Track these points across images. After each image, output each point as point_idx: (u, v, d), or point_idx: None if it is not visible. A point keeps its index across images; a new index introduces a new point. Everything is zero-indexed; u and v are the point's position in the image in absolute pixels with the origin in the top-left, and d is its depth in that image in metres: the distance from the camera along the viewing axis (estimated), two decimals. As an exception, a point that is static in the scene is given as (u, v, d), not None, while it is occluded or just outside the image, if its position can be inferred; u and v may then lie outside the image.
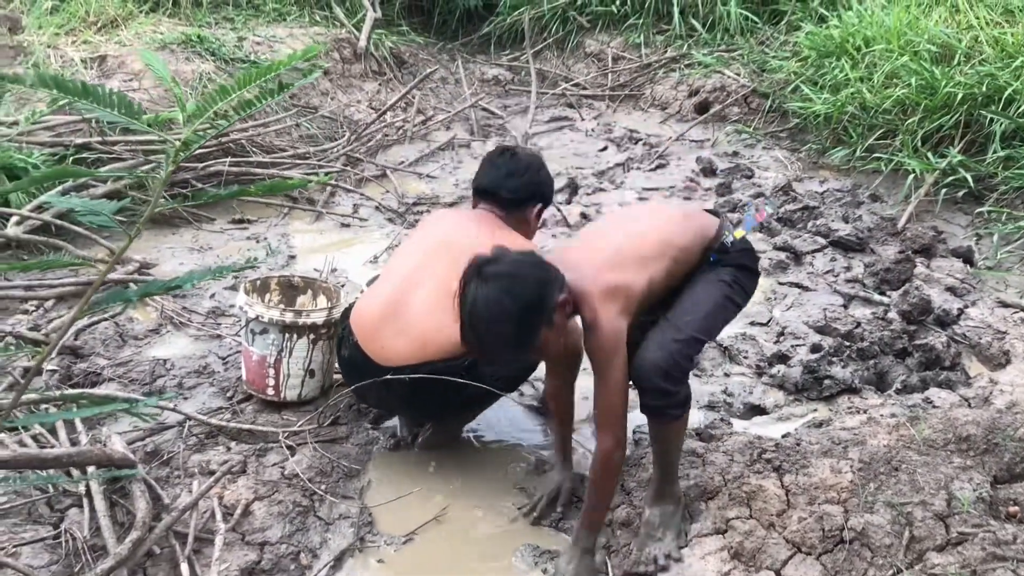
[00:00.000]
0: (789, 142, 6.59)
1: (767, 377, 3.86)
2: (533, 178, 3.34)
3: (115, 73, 5.99)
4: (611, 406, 2.69)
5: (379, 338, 3.10)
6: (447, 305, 3.03)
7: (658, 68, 7.77)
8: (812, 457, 3.00)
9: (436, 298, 3.03)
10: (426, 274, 3.13)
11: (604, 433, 2.72)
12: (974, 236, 5.06)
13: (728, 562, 2.70)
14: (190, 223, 5.16)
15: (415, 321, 3.07)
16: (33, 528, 2.77)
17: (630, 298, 2.69)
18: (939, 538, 2.63)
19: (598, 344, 2.65)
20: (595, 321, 2.63)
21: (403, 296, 3.12)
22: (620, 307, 2.66)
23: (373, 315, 3.15)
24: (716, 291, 2.84)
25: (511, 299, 2.51)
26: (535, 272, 2.59)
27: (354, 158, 6.18)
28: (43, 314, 4.05)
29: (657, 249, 2.79)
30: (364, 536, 2.96)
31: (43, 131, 5.21)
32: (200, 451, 3.21)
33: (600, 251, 2.78)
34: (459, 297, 2.59)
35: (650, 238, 2.83)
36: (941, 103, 5.50)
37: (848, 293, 4.55)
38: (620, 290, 2.67)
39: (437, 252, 3.19)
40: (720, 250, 2.88)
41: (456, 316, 2.73)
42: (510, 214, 3.30)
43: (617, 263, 2.72)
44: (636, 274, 2.72)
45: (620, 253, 2.75)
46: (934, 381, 3.73)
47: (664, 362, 2.69)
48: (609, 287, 2.66)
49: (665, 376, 2.69)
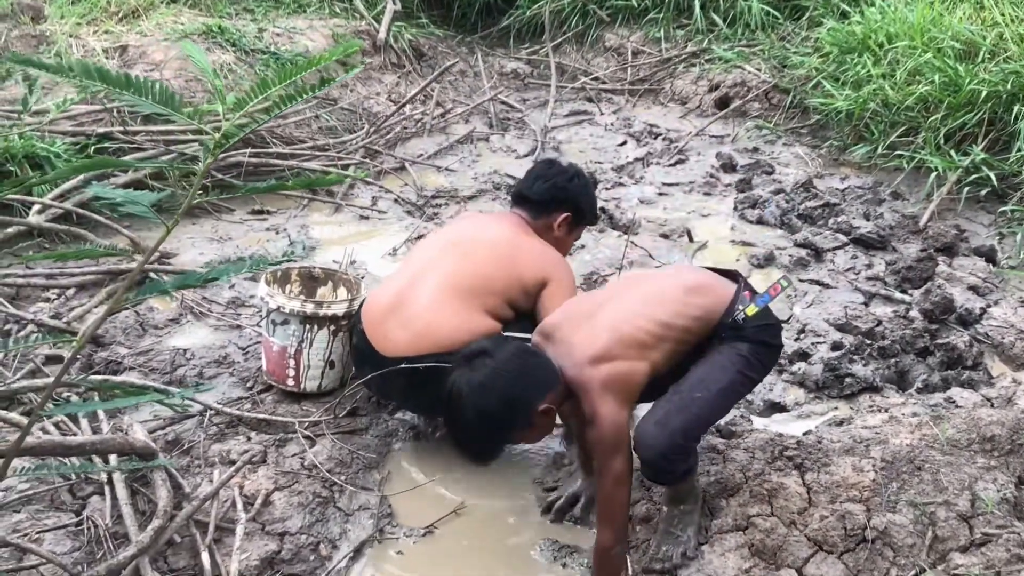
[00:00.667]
0: (810, 139, 6.55)
1: (788, 375, 3.84)
2: (560, 183, 3.34)
3: (136, 63, 6.01)
4: (613, 501, 2.60)
5: (383, 329, 3.14)
6: (448, 301, 3.05)
7: (678, 63, 7.73)
8: (834, 455, 2.99)
9: (438, 293, 3.09)
10: (434, 269, 3.18)
11: (604, 528, 2.63)
12: (997, 235, 5.02)
13: (749, 559, 2.69)
14: (210, 213, 5.17)
15: (417, 314, 3.10)
16: (56, 515, 2.78)
17: (631, 386, 2.59)
18: (963, 539, 2.61)
19: (599, 438, 2.53)
20: (595, 415, 2.51)
21: (410, 289, 3.16)
22: (621, 398, 2.55)
23: (381, 306, 3.19)
24: (731, 368, 2.69)
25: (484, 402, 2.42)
26: (520, 379, 2.47)
27: (373, 150, 6.18)
28: (64, 302, 4.07)
29: (658, 334, 2.65)
30: (384, 527, 2.97)
31: (65, 120, 5.23)
32: (220, 441, 3.22)
33: (597, 335, 2.62)
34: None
35: (649, 322, 2.66)
36: (964, 100, 5.45)
37: (869, 291, 4.52)
38: (618, 379, 2.55)
39: (448, 248, 3.24)
40: (732, 326, 2.72)
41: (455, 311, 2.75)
42: (536, 219, 3.34)
43: (616, 352, 2.59)
44: (636, 361, 2.60)
45: (618, 338, 2.61)
46: (956, 380, 3.70)
47: (665, 445, 2.59)
48: (607, 379, 2.54)
49: (664, 458, 2.62)
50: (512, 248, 3.21)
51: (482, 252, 3.20)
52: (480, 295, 3.12)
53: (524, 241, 3.25)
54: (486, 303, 3.12)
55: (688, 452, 2.69)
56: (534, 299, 3.19)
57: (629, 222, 5.25)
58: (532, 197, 3.34)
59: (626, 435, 2.56)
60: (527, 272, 3.17)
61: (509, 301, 3.17)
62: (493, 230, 3.28)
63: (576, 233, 3.48)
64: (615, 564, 2.65)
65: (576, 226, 3.43)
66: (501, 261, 3.17)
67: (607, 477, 2.56)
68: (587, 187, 3.43)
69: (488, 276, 3.14)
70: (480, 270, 3.15)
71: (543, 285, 3.18)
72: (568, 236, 3.42)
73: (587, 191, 3.43)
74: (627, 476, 2.59)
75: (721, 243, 5.13)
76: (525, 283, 3.17)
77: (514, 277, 3.16)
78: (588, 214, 3.45)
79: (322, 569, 2.77)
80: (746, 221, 5.38)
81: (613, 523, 2.61)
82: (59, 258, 1.85)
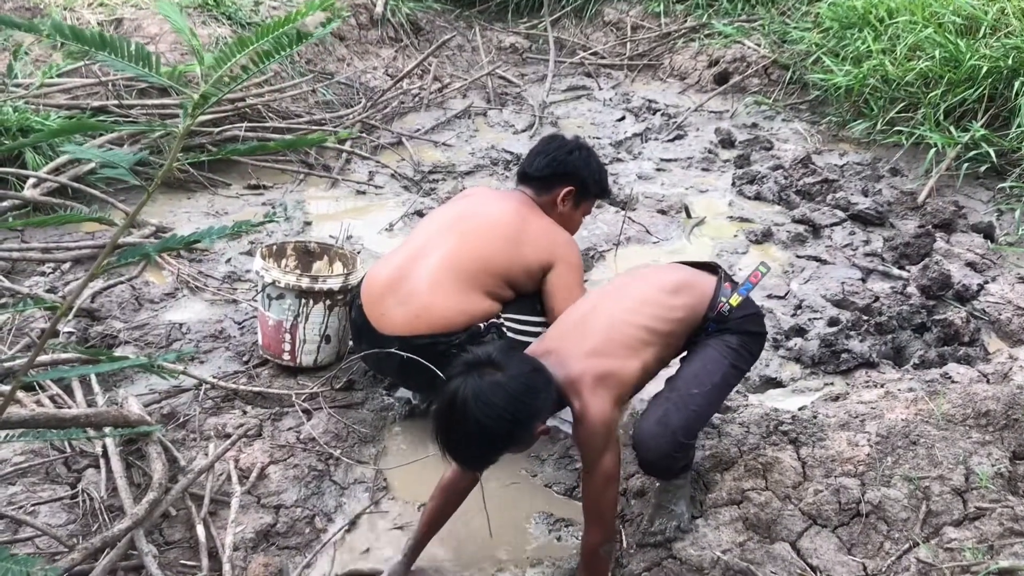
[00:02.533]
0: (809, 114, 6.52)
1: (784, 350, 3.84)
2: (559, 156, 3.29)
3: (132, 36, 5.95)
4: (601, 499, 2.54)
5: (381, 306, 3.13)
6: (447, 282, 3.03)
7: (677, 38, 7.69)
8: (829, 430, 2.99)
9: (438, 274, 3.07)
10: (435, 248, 3.15)
11: (591, 525, 2.58)
12: (995, 211, 5.00)
13: (743, 532, 2.70)
14: (206, 188, 5.15)
15: (415, 293, 3.08)
16: (51, 488, 2.79)
17: (622, 386, 2.55)
18: (956, 513, 2.61)
19: (587, 437, 2.48)
20: (584, 413, 2.46)
21: (410, 267, 3.14)
22: (612, 396, 2.50)
23: (380, 282, 3.17)
24: (722, 361, 2.69)
25: (488, 418, 2.30)
26: (527, 400, 2.35)
27: (370, 125, 6.15)
28: (60, 276, 4.06)
29: (645, 338, 2.62)
30: (379, 500, 2.98)
31: (59, 93, 5.20)
32: (216, 414, 3.22)
33: (587, 338, 2.60)
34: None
35: (635, 328, 2.63)
36: (965, 76, 5.42)
37: (867, 267, 4.51)
38: (611, 377, 2.52)
39: (451, 226, 3.21)
40: (718, 319, 2.72)
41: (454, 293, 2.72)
42: (541, 196, 3.29)
43: (607, 350, 2.57)
44: (627, 360, 2.57)
45: (608, 339, 2.59)
46: (953, 356, 3.69)
47: (668, 446, 2.58)
48: (599, 375, 2.50)
49: (664, 456, 2.62)
50: (516, 229, 3.16)
51: (484, 232, 3.16)
52: (479, 276, 3.09)
53: (530, 221, 3.21)
54: (485, 284, 3.10)
55: (689, 448, 2.69)
56: (537, 280, 3.16)
57: (627, 198, 5.23)
58: (533, 174, 3.30)
59: (615, 433, 2.53)
60: (531, 254, 3.14)
61: (509, 282, 3.14)
62: (497, 208, 3.25)
63: (584, 208, 3.39)
64: (602, 562, 2.62)
65: (582, 200, 3.35)
66: (504, 242, 3.13)
67: (596, 475, 2.50)
68: (589, 159, 3.34)
69: (489, 257, 3.11)
70: (481, 251, 3.12)
71: (548, 268, 3.15)
72: (575, 211, 3.35)
73: (589, 163, 3.34)
74: (616, 474, 2.54)
75: (719, 219, 5.12)
76: (529, 265, 3.14)
77: (517, 258, 3.12)
78: (593, 186, 3.35)
79: (317, 542, 2.78)
80: (744, 197, 5.37)
81: (602, 521, 2.56)
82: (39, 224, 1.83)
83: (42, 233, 4.41)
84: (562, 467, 3.16)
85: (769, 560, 2.54)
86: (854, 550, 2.58)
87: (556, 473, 3.13)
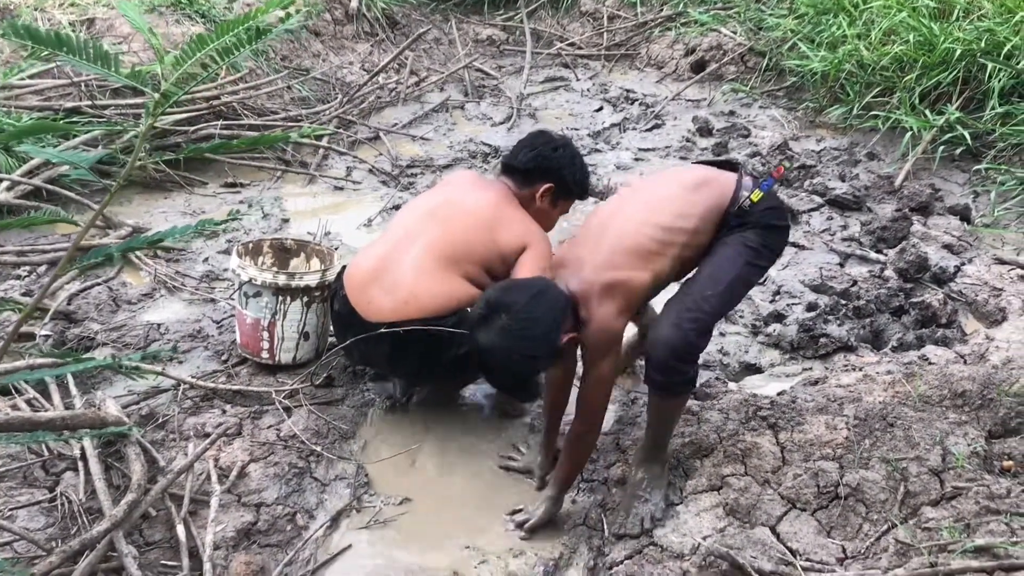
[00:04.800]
0: (786, 101, 6.54)
1: (763, 336, 3.86)
2: (544, 152, 3.28)
3: (104, 36, 5.91)
4: (593, 398, 2.74)
5: (367, 294, 3.13)
6: (431, 268, 3.05)
7: (654, 27, 7.69)
8: (807, 414, 3.01)
9: (422, 260, 3.08)
10: (418, 235, 3.16)
11: (579, 418, 2.77)
12: (971, 193, 5.04)
13: (723, 518, 2.71)
14: (182, 187, 5.12)
15: (400, 280, 3.09)
16: (29, 491, 2.76)
17: (630, 295, 2.66)
18: (933, 493, 2.63)
19: (591, 341, 2.65)
20: (591, 319, 2.62)
21: (394, 254, 3.14)
22: (618, 305, 2.63)
23: (364, 271, 3.18)
24: (739, 259, 2.74)
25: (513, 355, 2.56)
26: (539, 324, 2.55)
27: (347, 120, 6.12)
28: (35, 279, 4.03)
29: (662, 241, 2.70)
30: (361, 496, 2.97)
31: (31, 95, 5.15)
32: (195, 414, 3.20)
33: (601, 248, 2.71)
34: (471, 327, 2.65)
35: (651, 227, 2.71)
36: (939, 59, 5.46)
37: (844, 251, 4.54)
38: (618, 287, 2.63)
39: (433, 214, 3.21)
40: (738, 214, 2.77)
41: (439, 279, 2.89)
42: (521, 189, 3.28)
43: (618, 261, 2.67)
44: (637, 270, 2.67)
45: (622, 248, 2.68)
46: (930, 338, 3.72)
47: (678, 341, 2.66)
48: (606, 285, 2.63)
49: (676, 355, 2.67)
50: (493, 217, 3.16)
51: (463, 219, 3.17)
52: (461, 262, 3.10)
53: (505, 210, 3.21)
54: (467, 271, 3.11)
55: (697, 351, 2.74)
56: (511, 266, 3.17)
57: (606, 188, 5.23)
58: (517, 166, 3.29)
59: (617, 342, 2.68)
60: (504, 240, 3.14)
61: (488, 269, 3.15)
62: (475, 197, 3.24)
63: (562, 207, 3.37)
64: (582, 448, 2.84)
65: (561, 199, 3.33)
66: (480, 230, 3.14)
67: (591, 376, 2.69)
68: (573, 159, 3.32)
69: (468, 243, 3.12)
70: (461, 237, 3.13)
71: (521, 252, 3.15)
72: (552, 209, 3.33)
73: (573, 163, 3.32)
74: (609, 379, 2.73)
75: (697, 207, 5.11)
76: (503, 251, 3.14)
77: (492, 244, 3.13)
78: (573, 186, 3.32)
79: (299, 539, 2.77)
80: (722, 185, 5.37)
81: (588, 416, 2.76)
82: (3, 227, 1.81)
83: (17, 236, 4.37)
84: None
85: (749, 545, 2.55)
86: (833, 533, 2.59)
87: None
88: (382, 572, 2.67)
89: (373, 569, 2.69)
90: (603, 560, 2.71)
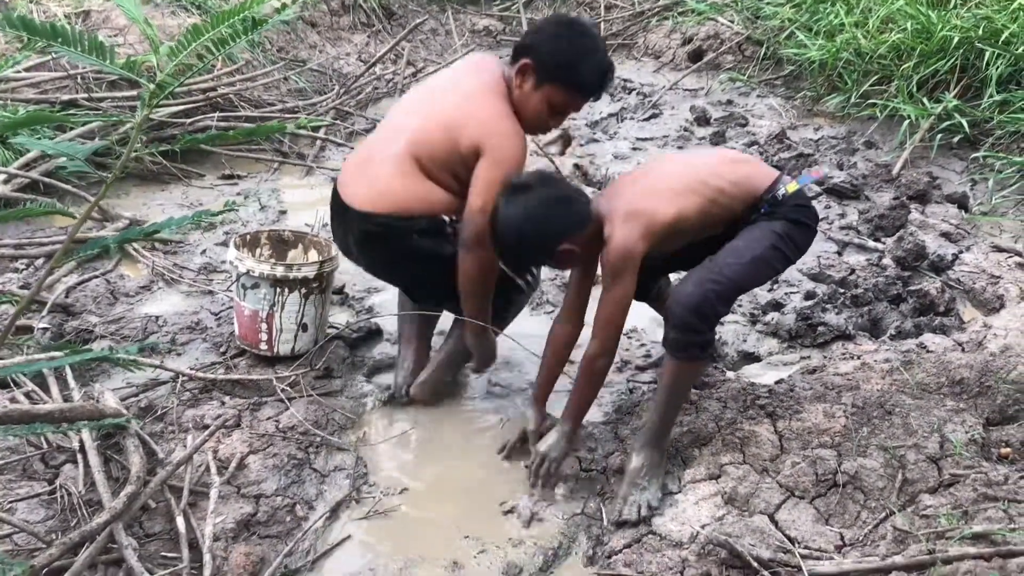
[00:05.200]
0: (784, 90, 6.53)
1: (761, 325, 3.86)
2: (536, 26, 3.07)
3: (100, 28, 5.90)
4: (608, 317, 2.81)
5: (352, 182, 3.12)
6: (404, 167, 3.01)
7: (651, 16, 7.68)
8: (805, 402, 3.01)
9: (400, 158, 3.01)
10: (402, 130, 3.05)
11: (595, 339, 2.84)
12: (969, 182, 5.03)
13: (722, 507, 2.71)
14: (179, 180, 5.11)
15: (379, 174, 3.05)
16: (28, 484, 2.77)
17: (652, 225, 2.74)
18: (931, 480, 2.64)
19: (609, 259, 2.75)
20: (611, 237, 2.74)
21: (380, 147, 3.10)
22: (640, 230, 2.72)
23: (353, 162, 3.20)
24: (764, 240, 2.82)
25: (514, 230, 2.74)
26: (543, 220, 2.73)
27: (344, 111, 6.11)
28: (33, 272, 4.02)
29: (690, 184, 2.83)
30: (360, 487, 2.97)
31: (28, 88, 5.14)
32: (194, 406, 3.20)
33: (636, 186, 2.89)
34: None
35: (685, 174, 2.90)
36: (937, 47, 5.45)
37: (842, 240, 4.54)
38: (642, 214, 2.74)
39: (420, 106, 3.09)
40: (772, 202, 2.85)
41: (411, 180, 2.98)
42: (509, 70, 3.01)
43: (647, 193, 2.82)
44: (662, 204, 2.78)
45: (652, 186, 2.87)
46: (928, 326, 3.72)
47: (698, 299, 2.72)
48: (631, 210, 2.75)
49: (695, 312, 2.73)
50: (459, 116, 2.93)
51: (436, 117, 2.98)
52: (428, 166, 2.98)
53: (477, 103, 2.93)
54: (436, 176, 2.99)
55: (717, 316, 2.81)
56: None
57: (603, 178, 5.23)
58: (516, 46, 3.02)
59: (634, 267, 2.75)
60: (464, 138, 2.90)
61: (454, 175, 2.98)
62: (460, 89, 3.01)
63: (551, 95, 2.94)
64: (596, 374, 2.90)
65: (545, 84, 2.92)
66: (442, 130, 2.94)
67: (607, 297, 2.79)
68: (560, 35, 2.91)
69: (431, 145, 2.96)
70: (427, 138, 2.97)
71: (477, 155, 2.90)
72: (533, 94, 2.94)
73: (559, 39, 2.90)
74: (625, 302, 2.80)
75: (695, 196, 5.11)
76: (462, 152, 2.92)
77: (453, 147, 2.93)
78: (554, 69, 2.89)
79: (299, 530, 2.77)
80: (720, 174, 5.36)
81: (603, 337, 2.83)
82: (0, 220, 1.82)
83: (14, 229, 4.37)
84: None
85: (748, 533, 2.56)
86: (831, 520, 2.60)
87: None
88: (381, 562, 2.67)
89: (372, 559, 2.69)
90: (602, 549, 2.71)
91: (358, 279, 4.17)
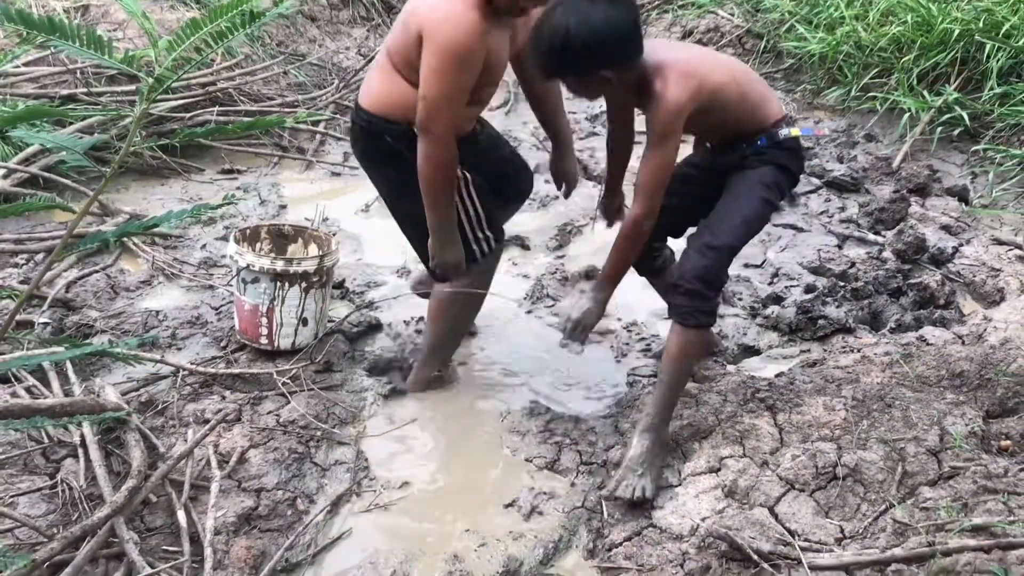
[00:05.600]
0: (784, 83, 6.52)
1: (761, 318, 3.86)
2: None
3: (99, 23, 5.88)
4: (653, 177, 2.76)
5: (363, 85, 3.17)
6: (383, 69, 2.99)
7: (651, 9, 7.65)
8: (805, 395, 3.02)
9: (381, 53, 3.05)
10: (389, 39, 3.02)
11: (639, 200, 2.80)
12: (969, 174, 5.03)
13: (722, 500, 2.72)
14: (179, 174, 5.11)
15: (371, 76, 3.10)
16: (29, 478, 2.77)
17: (703, 88, 2.71)
18: (931, 473, 2.64)
19: (658, 118, 2.68)
20: (663, 94, 2.65)
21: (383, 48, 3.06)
22: (692, 91, 2.68)
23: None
24: (755, 195, 2.88)
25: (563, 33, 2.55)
26: (598, 35, 2.56)
27: (343, 106, 6.10)
28: (33, 267, 4.03)
29: (728, 73, 2.85)
30: (360, 481, 2.98)
31: (26, 83, 5.13)
32: (195, 400, 3.21)
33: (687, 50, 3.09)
34: None
35: (729, 60, 3.02)
36: (937, 40, 5.43)
37: (843, 233, 4.54)
38: (696, 76, 2.70)
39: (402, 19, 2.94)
40: (770, 138, 2.89)
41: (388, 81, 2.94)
42: None
43: (700, 56, 2.93)
44: (713, 72, 2.78)
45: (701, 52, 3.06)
46: (928, 319, 3.73)
47: (703, 268, 2.79)
48: (687, 70, 2.70)
49: (702, 279, 2.80)
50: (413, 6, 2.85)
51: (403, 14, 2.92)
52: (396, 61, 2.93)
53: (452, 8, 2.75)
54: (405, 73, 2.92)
55: (720, 281, 2.89)
56: None
57: (603, 172, 5.21)
58: None
59: (679, 128, 2.71)
60: (412, 24, 2.79)
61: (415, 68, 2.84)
62: None
63: None
64: (641, 234, 2.85)
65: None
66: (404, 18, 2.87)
67: (652, 155, 2.73)
68: None
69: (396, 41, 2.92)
70: (395, 29, 2.94)
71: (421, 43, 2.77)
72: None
73: None
74: (667, 163, 2.76)
75: (695, 190, 5.11)
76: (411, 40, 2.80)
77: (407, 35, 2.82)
78: None
79: (299, 523, 2.78)
80: (720, 167, 5.36)
81: (645, 196, 2.77)
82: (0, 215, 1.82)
83: (14, 224, 4.36)
84: (543, 441, 3.16)
85: (748, 526, 2.56)
86: (831, 513, 2.61)
87: (538, 447, 3.13)
88: (382, 556, 2.67)
89: (373, 553, 2.69)
90: (602, 542, 2.72)
91: (358, 273, 4.17)
